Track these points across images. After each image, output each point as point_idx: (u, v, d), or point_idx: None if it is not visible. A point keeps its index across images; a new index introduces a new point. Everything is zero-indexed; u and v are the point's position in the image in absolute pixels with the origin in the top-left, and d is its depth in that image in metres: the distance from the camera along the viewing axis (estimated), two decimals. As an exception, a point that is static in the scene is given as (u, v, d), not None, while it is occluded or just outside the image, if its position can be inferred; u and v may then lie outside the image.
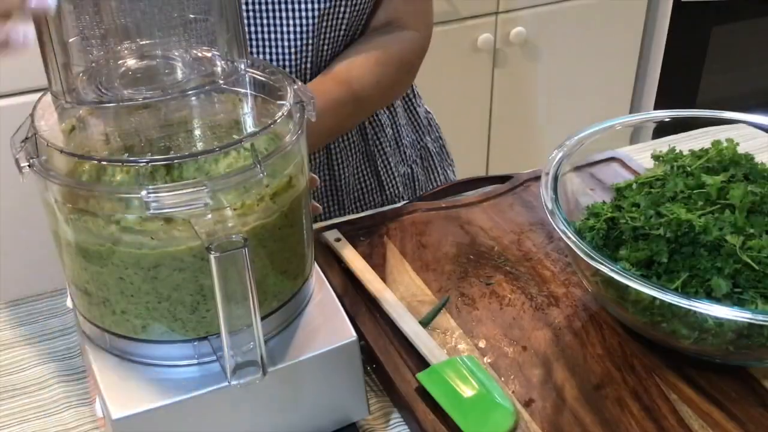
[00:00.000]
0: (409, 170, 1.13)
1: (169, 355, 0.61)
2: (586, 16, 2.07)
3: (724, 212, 0.72)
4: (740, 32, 2.25)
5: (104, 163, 0.58)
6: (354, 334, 0.65)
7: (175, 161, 0.56)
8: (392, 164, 1.09)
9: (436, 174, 1.17)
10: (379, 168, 1.08)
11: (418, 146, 1.14)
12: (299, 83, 0.65)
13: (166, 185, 0.54)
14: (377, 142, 1.07)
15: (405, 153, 1.11)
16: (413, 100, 1.13)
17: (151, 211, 0.53)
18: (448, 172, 1.20)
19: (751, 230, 0.70)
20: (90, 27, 0.60)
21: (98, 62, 0.62)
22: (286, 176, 0.60)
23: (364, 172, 1.07)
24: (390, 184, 1.09)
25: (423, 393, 0.69)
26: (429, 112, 1.18)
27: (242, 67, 0.64)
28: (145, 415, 0.59)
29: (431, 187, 1.16)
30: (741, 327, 0.66)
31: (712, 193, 0.74)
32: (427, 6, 1.00)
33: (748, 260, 0.68)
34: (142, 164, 0.56)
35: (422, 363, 0.72)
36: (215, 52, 0.63)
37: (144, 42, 0.62)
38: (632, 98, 2.31)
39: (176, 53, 0.63)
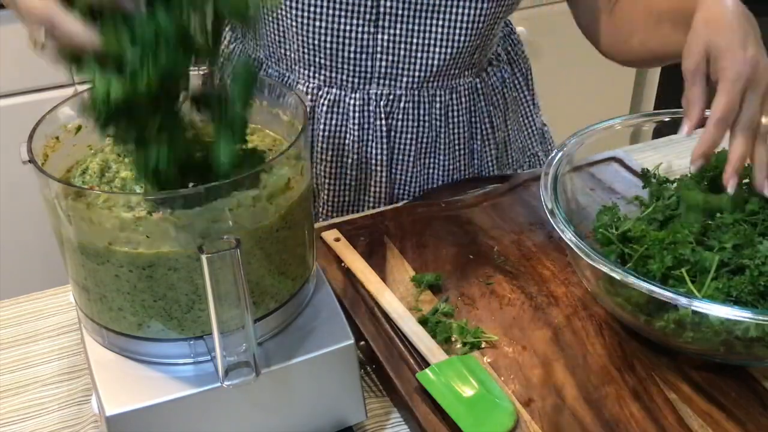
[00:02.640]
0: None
1: (165, 353, 0.61)
2: (586, 16, 2.07)
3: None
4: (740, 32, 2.24)
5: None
6: (351, 337, 0.65)
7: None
8: (495, 165, 1.08)
9: None
10: (482, 168, 1.07)
11: (528, 153, 1.14)
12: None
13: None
14: (485, 141, 1.06)
15: (511, 157, 1.11)
16: (532, 109, 1.13)
17: (147, 211, 0.54)
18: None
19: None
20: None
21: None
22: (284, 178, 0.60)
23: (466, 168, 1.06)
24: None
25: (423, 393, 0.69)
26: (545, 125, 1.18)
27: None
28: (139, 412, 0.59)
29: None
30: (743, 329, 0.66)
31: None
32: None
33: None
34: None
35: (422, 363, 0.72)
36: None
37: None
38: (632, 98, 2.30)
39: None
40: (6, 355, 0.78)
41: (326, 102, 0.98)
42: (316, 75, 0.96)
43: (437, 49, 0.94)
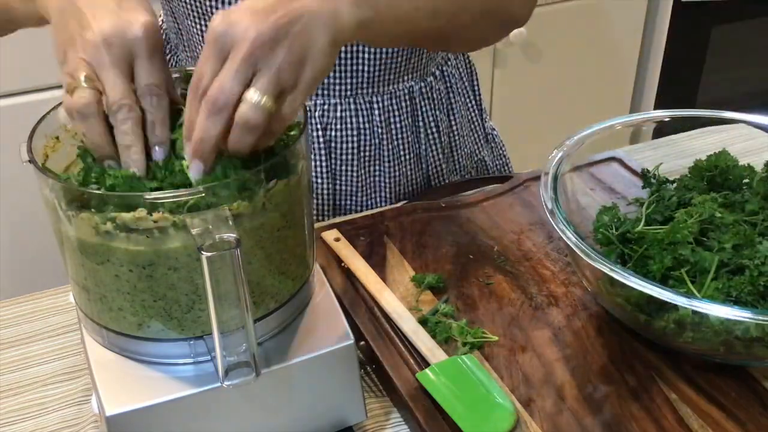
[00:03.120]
0: (462, 179, 1.11)
1: (165, 353, 0.61)
2: (586, 16, 2.07)
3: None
4: (740, 32, 2.25)
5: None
6: (351, 337, 0.65)
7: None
8: (444, 168, 1.07)
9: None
10: (431, 171, 1.06)
11: (475, 158, 1.13)
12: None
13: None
14: (431, 145, 1.04)
15: (459, 162, 1.10)
16: (476, 111, 1.12)
17: (146, 210, 0.54)
18: None
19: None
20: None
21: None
22: (285, 177, 0.60)
23: (415, 172, 1.05)
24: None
25: (423, 393, 0.69)
26: (494, 129, 1.16)
27: None
28: (139, 412, 0.59)
29: None
30: (742, 329, 0.66)
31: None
32: None
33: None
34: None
35: (422, 363, 0.72)
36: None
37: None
38: (632, 98, 2.30)
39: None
40: (6, 355, 0.78)
41: None
42: None
43: (366, 56, 0.93)
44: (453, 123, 1.07)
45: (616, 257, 0.76)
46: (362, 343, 0.75)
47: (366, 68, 0.94)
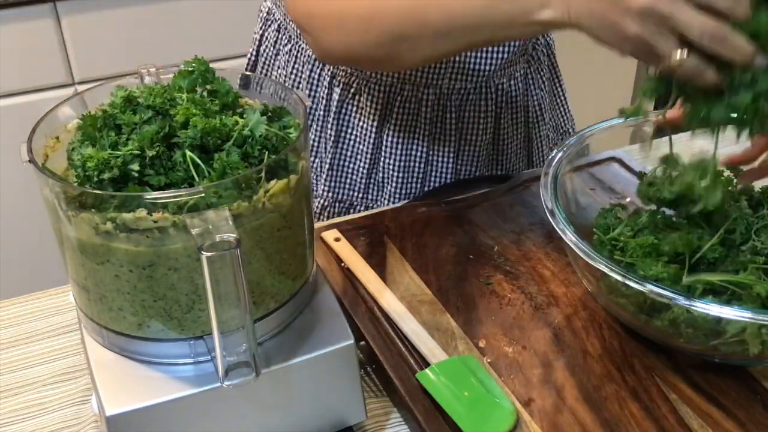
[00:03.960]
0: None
1: (165, 353, 0.61)
2: (586, 16, 2.07)
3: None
4: (740, 32, 2.24)
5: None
6: (351, 337, 0.65)
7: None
8: (542, 128, 1.11)
9: None
10: (533, 152, 1.11)
11: (561, 130, 1.18)
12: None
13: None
14: (538, 127, 1.09)
15: (548, 137, 1.14)
16: (562, 110, 1.17)
17: (146, 210, 0.54)
18: None
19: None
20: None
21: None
22: (285, 177, 0.60)
23: (524, 152, 1.10)
24: (536, 150, 1.13)
25: (423, 393, 0.69)
26: (572, 120, 1.21)
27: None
28: (139, 412, 0.59)
29: None
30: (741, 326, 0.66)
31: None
32: None
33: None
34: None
35: (422, 363, 0.72)
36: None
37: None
38: (632, 98, 2.30)
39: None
40: (6, 355, 0.78)
41: (399, 98, 1.00)
42: (390, 72, 0.97)
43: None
44: (556, 97, 1.14)
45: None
46: (362, 343, 0.75)
47: (500, 56, 0.98)
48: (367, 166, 1.04)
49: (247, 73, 0.70)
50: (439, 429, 0.67)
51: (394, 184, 1.04)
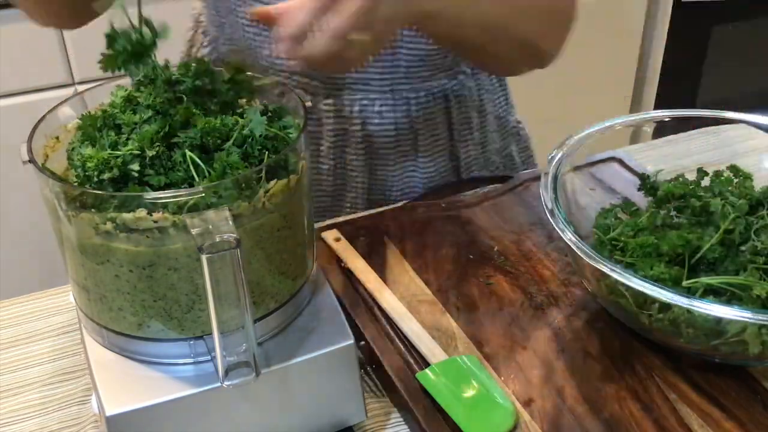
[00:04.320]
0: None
1: (165, 353, 0.61)
2: (586, 16, 2.07)
3: None
4: (740, 32, 2.25)
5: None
6: (351, 337, 0.65)
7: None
8: (474, 167, 1.08)
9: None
10: (461, 168, 1.08)
11: (503, 153, 1.15)
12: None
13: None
14: (464, 143, 1.06)
15: (489, 159, 1.11)
16: (506, 108, 1.14)
17: (147, 210, 0.54)
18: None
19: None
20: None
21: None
22: (285, 177, 0.60)
23: (446, 168, 1.07)
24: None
25: (423, 393, 0.69)
26: (520, 122, 1.18)
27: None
28: (139, 412, 0.59)
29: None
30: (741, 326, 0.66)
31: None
32: None
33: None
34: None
35: (422, 363, 0.72)
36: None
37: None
38: (632, 98, 2.31)
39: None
40: (6, 355, 0.78)
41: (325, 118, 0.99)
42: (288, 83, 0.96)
43: (405, 52, 0.95)
44: (484, 120, 1.09)
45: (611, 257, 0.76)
46: (362, 343, 0.75)
47: (404, 64, 0.96)
48: (330, 186, 1.04)
49: None
50: (439, 429, 0.67)
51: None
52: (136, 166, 0.57)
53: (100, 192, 0.57)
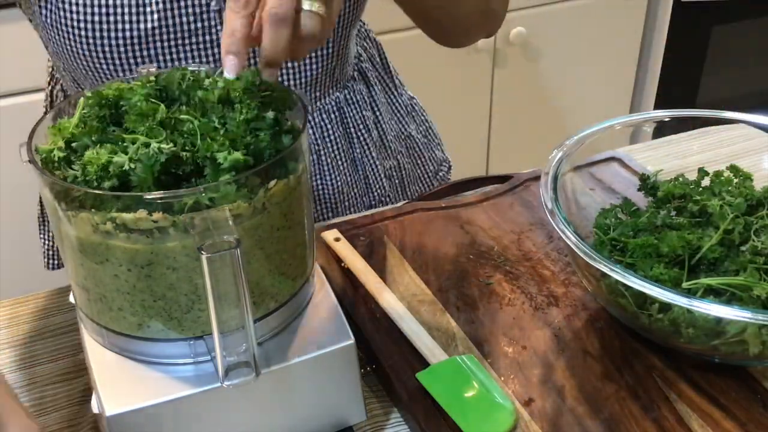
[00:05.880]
0: (395, 162, 1.13)
1: (165, 354, 0.61)
2: (586, 16, 2.07)
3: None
4: (740, 32, 2.25)
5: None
6: (351, 337, 0.65)
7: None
8: (378, 162, 1.08)
9: (423, 160, 1.17)
10: (367, 171, 1.08)
11: (403, 136, 1.14)
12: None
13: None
14: (363, 145, 1.06)
15: (390, 147, 1.11)
16: (394, 90, 1.13)
17: (145, 210, 0.54)
18: (436, 152, 1.19)
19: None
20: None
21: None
22: (285, 177, 0.60)
23: (352, 177, 1.07)
24: (377, 185, 1.09)
25: (423, 393, 0.69)
26: (413, 98, 1.17)
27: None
28: (139, 412, 0.59)
29: (419, 174, 1.17)
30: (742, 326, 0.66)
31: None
32: None
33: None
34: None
35: (422, 363, 0.72)
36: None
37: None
38: (632, 98, 2.31)
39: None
40: (6, 355, 0.78)
41: None
42: None
43: (292, 75, 0.95)
44: (378, 113, 1.09)
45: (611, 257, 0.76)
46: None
47: (293, 87, 0.95)
48: None
49: None
50: (439, 429, 0.67)
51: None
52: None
53: (100, 192, 0.56)
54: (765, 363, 0.72)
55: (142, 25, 0.84)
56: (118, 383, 0.61)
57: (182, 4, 0.85)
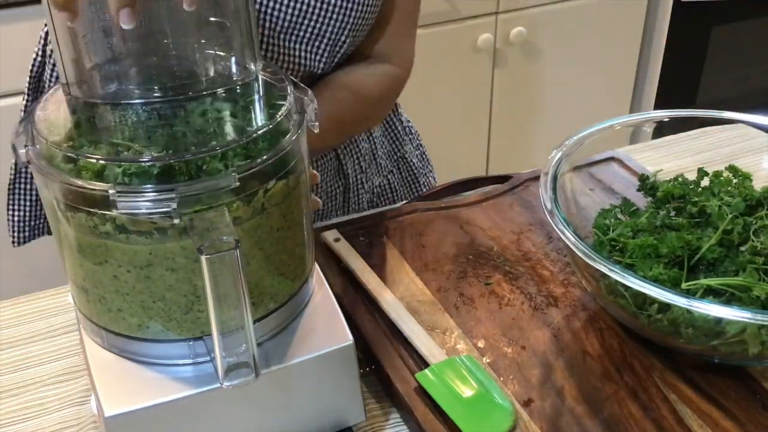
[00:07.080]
0: (385, 181, 1.13)
1: (165, 354, 0.61)
2: (586, 16, 2.07)
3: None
4: (740, 32, 2.25)
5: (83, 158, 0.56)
6: (350, 337, 0.65)
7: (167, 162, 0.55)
8: (365, 179, 1.09)
9: (415, 181, 1.17)
10: (350, 184, 1.08)
11: (395, 156, 1.14)
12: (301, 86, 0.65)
13: (136, 187, 0.54)
14: (353, 159, 1.06)
15: (380, 165, 1.12)
16: (393, 112, 1.13)
17: (119, 211, 0.53)
18: (429, 178, 1.20)
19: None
20: (110, 23, 0.60)
21: (116, 58, 0.62)
22: (284, 177, 0.60)
23: (336, 190, 1.07)
24: (354, 200, 1.10)
25: (422, 393, 0.69)
26: (409, 121, 1.18)
27: (254, 68, 0.64)
28: (138, 413, 0.59)
29: (410, 195, 1.17)
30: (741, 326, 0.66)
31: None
32: (410, 44, 1.02)
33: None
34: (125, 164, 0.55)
35: (422, 363, 0.72)
36: (229, 55, 0.64)
37: (161, 41, 0.63)
38: (632, 98, 2.30)
39: (192, 54, 0.63)
40: (6, 355, 0.78)
41: None
42: None
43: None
44: (370, 129, 1.09)
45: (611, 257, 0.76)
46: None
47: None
48: None
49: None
50: (438, 429, 0.67)
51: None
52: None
53: (100, 192, 0.56)
54: (764, 363, 0.72)
55: None
56: (117, 384, 0.61)
57: None
